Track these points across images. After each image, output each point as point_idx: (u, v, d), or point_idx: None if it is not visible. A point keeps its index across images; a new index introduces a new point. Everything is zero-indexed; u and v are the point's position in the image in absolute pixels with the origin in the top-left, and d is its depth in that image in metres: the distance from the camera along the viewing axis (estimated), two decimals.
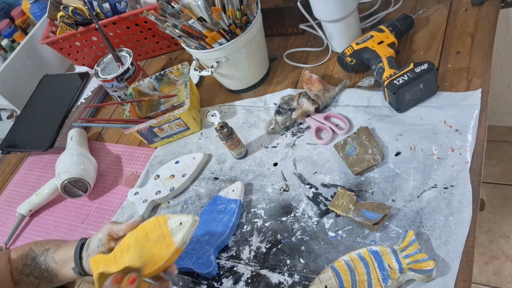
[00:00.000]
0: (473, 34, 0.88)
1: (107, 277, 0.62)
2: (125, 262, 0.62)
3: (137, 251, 0.62)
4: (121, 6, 1.16)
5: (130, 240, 0.64)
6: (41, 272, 0.73)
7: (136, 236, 0.64)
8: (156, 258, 0.61)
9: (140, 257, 0.61)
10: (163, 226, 0.62)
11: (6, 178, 1.19)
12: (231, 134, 0.85)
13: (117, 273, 0.61)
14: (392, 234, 0.69)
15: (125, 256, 0.63)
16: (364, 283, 0.63)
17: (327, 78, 0.96)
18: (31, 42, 1.34)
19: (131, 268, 0.61)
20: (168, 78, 1.07)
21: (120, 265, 0.62)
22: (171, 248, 0.60)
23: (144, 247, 0.62)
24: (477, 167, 0.70)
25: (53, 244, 0.75)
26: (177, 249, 0.60)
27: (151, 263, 0.61)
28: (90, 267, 0.66)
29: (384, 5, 1.03)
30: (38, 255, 0.74)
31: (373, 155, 0.77)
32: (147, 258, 0.61)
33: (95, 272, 0.64)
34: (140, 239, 0.63)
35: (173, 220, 0.62)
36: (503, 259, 1.40)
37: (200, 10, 0.88)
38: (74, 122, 1.14)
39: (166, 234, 0.61)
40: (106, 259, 0.64)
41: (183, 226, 0.61)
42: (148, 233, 0.63)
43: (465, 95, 0.79)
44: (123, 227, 0.67)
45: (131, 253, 0.62)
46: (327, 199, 0.77)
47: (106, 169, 1.06)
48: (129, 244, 0.63)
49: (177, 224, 0.61)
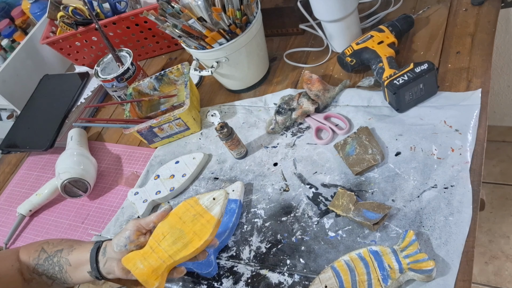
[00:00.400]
0: (473, 34, 0.88)
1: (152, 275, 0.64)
2: (164, 249, 0.65)
3: (174, 236, 0.65)
4: (121, 6, 1.16)
5: (163, 228, 0.66)
6: (55, 273, 0.73)
7: (169, 223, 0.66)
8: (200, 234, 0.64)
9: (179, 240, 0.65)
10: (196, 206, 0.66)
11: (6, 178, 1.19)
12: (231, 134, 0.85)
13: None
14: (392, 234, 0.69)
15: (162, 244, 0.65)
16: (364, 283, 0.63)
17: (327, 78, 0.96)
18: (31, 42, 1.34)
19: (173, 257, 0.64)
20: (168, 78, 1.07)
21: (160, 254, 0.65)
22: (212, 221, 0.65)
23: (181, 230, 0.65)
24: (477, 167, 0.70)
25: (66, 245, 0.74)
26: (218, 220, 0.65)
27: (195, 240, 0.64)
28: (122, 268, 0.66)
29: (384, 5, 1.03)
30: (50, 256, 0.73)
31: (373, 155, 0.77)
32: (188, 238, 0.64)
33: (134, 269, 0.65)
34: (175, 224, 0.66)
35: (204, 198, 0.67)
36: (503, 259, 1.40)
37: (200, 10, 0.88)
38: (74, 122, 1.14)
39: (202, 212, 0.66)
40: (142, 254, 0.66)
41: (218, 200, 0.66)
42: (182, 217, 0.66)
43: (465, 95, 0.79)
44: (152, 218, 0.67)
45: (168, 239, 0.65)
46: (327, 199, 0.77)
47: (106, 169, 1.06)
48: (163, 232, 0.66)
49: (211, 200, 0.66)
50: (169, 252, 0.65)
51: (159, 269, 0.65)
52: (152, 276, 0.64)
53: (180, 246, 0.65)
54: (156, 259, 0.65)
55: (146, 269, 0.65)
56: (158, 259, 0.65)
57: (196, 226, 0.65)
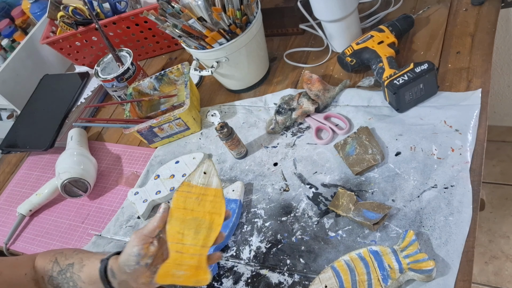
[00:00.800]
0: (473, 34, 0.88)
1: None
2: (192, 244, 0.60)
3: (192, 227, 0.61)
4: (121, 6, 1.16)
5: (176, 227, 0.61)
6: (69, 287, 0.69)
7: (177, 220, 0.61)
8: (216, 210, 0.62)
9: (200, 228, 0.61)
10: (193, 187, 0.62)
11: (6, 178, 1.19)
12: (231, 134, 0.85)
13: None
14: (392, 234, 0.69)
15: (186, 241, 0.60)
16: (364, 283, 0.63)
17: (327, 78, 0.96)
18: (31, 42, 1.34)
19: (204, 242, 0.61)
20: (168, 78, 1.07)
21: (192, 251, 0.60)
22: (219, 193, 0.62)
23: (195, 218, 0.61)
24: (477, 167, 0.70)
25: (76, 259, 0.69)
26: (222, 189, 0.63)
27: (215, 218, 0.62)
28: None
29: (384, 5, 1.03)
30: (63, 270, 0.69)
31: (373, 155, 0.77)
32: (208, 221, 0.61)
33: (176, 280, 0.60)
34: (184, 217, 0.61)
35: (195, 177, 0.63)
36: (503, 259, 1.40)
37: (200, 10, 0.88)
38: (74, 122, 1.14)
39: (202, 191, 0.62)
40: (173, 262, 0.60)
41: (209, 172, 0.63)
42: (186, 207, 0.62)
43: (465, 95, 0.79)
44: (155, 224, 0.61)
45: (189, 234, 0.61)
46: (327, 199, 0.77)
47: (106, 169, 1.06)
48: (179, 231, 0.61)
49: (203, 176, 0.63)
50: (199, 243, 0.61)
51: (201, 263, 0.60)
52: (200, 273, 0.60)
53: (205, 232, 0.61)
54: (191, 257, 0.60)
55: (189, 272, 0.60)
56: (193, 256, 0.60)
57: (207, 206, 0.62)
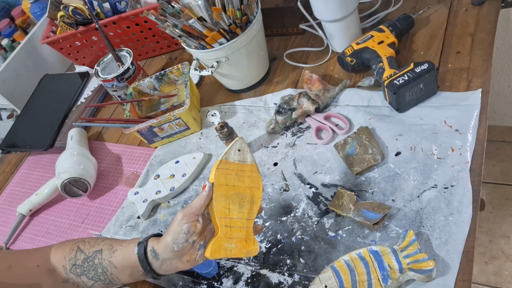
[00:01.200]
0: (473, 34, 0.88)
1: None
2: (238, 217, 0.63)
3: (236, 202, 0.64)
4: (121, 6, 1.16)
5: (221, 203, 0.63)
6: (97, 274, 0.68)
7: (221, 196, 0.64)
8: (255, 184, 0.65)
9: (243, 202, 0.64)
10: (231, 164, 0.65)
11: (6, 178, 1.19)
12: (231, 134, 0.85)
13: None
14: (392, 234, 0.69)
15: (232, 215, 0.63)
16: (364, 283, 0.63)
17: (327, 78, 0.96)
18: (31, 41, 1.34)
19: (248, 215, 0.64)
20: (168, 78, 1.07)
21: (239, 223, 0.63)
22: (255, 168, 0.66)
23: (238, 193, 0.64)
24: (477, 167, 0.70)
25: (104, 245, 0.69)
26: (256, 164, 0.66)
27: (255, 192, 0.65)
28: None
29: (384, 5, 1.03)
30: (90, 257, 0.68)
31: (373, 155, 0.77)
32: (249, 195, 0.65)
33: (229, 253, 0.62)
34: (227, 193, 0.64)
35: (231, 154, 0.65)
36: (503, 259, 1.40)
37: (200, 9, 0.88)
38: (74, 122, 1.14)
39: (239, 167, 0.65)
40: (224, 236, 0.62)
41: (243, 149, 0.66)
42: (228, 183, 0.64)
43: (465, 95, 0.79)
44: (202, 202, 0.63)
45: (234, 208, 0.64)
46: (327, 199, 0.77)
47: (106, 168, 1.06)
48: (224, 206, 0.63)
49: (238, 153, 0.66)
50: (244, 216, 0.64)
51: (250, 235, 0.64)
52: (249, 244, 0.63)
53: (248, 205, 0.64)
54: (239, 230, 0.63)
55: (239, 244, 0.63)
56: (241, 228, 0.63)
57: (246, 182, 0.65)
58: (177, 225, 0.62)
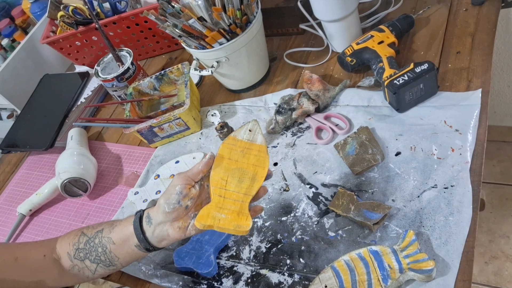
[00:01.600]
0: (473, 34, 0.88)
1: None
2: (235, 190, 0.62)
3: (236, 176, 0.63)
4: (121, 6, 1.16)
5: (220, 174, 0.63)
6: (98, 255, 0.67)
7: (221, 167, 0.63)
8: (260, 163, 0.64)
9: (244, 177, 0.63)
10: (238, 142, 0.65)
11: (6, 178, 1.19)
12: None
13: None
14: (392, 234, 0.69)
15: (229, 187, 0.62)
16: (364, 283, 0.63)
17: (327, 78, 0.96)
18: (31, 41, 1.34)
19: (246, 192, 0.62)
20: (168, 78, 1.07)
21: (234, 196, 0.61)
22: (263, 149, 0.64)
23: (239, 168, 0.63)
24: (477, 167, 0.70)
25: (106, 225, 0.69)
26: (266, 146, 0.65)
27: (259, 171, 0.63)
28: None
29: (384, 5, 1.03)
30: (91, 238, 0.68)
31: (373, 155, 0.77)
32: (252, 172, 0.63)
33: (217, 222, 0.60)
34: (228, 166, 0.63)
35: (241, 133, 0.65)
36: (503, 259, 1.40)
37: (200, 9, 0.88)
38: (74, 122, 1.14)
39: (247, 145, 0.64)
40: (215, 205, 0.61)
41: (255, 130, 0.65)
42: (231, 157, 0.64)
43: (465, 95, 0.79)
44: (200, 168, 0.63)
45: (232, 181, 0.62)
46: (327, 199, 0.77)
47: (106, 168, 1.06)
48: (223, 177, 0.62)
49: (248, 132, 0.66)
50: (241, 191, 0.62)
51: (244, 209, 0.61)
52: (242, 218, 0.60)
53: (249, 182, 0.62)
54: (233, 202, 0.61)
55: (230, 216, 0.60)
56: (236, 201, 0.61)
57: (251, 159, 0.64)
58: (171, 186, 0.62)
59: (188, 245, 0.79)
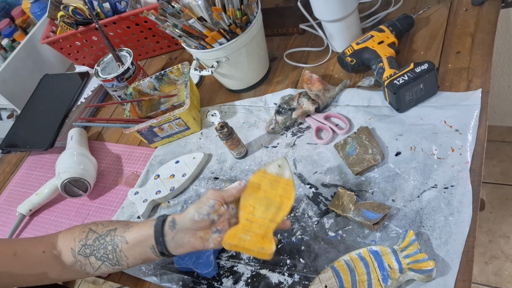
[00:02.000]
0: (473, 34, 0.88)
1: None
2: (261, 217, 0.67)
3: (263, 204, 0.67)
4: (121, 6, 1.16)
5: (249, 201, 0.68)
6: (106, 252, 0.68)
7: (251, 195, 0.69)
8: (286, 195, 0.68)
9: (270, 205, 0.67)
10: (267, 175, 0.70)
11: (6, 178, 1.19)
12: (231, 134, 0.85)
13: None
14: (392, 234, 0.69)
15: (256, 213, 0.67)
16: (364, 283, 0.63)
17: (327, 78, 0.96)
18: (31, 41, 1.34)
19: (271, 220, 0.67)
20: (168, 78, 1.07)
21: (260, 222, 0.66)
22: (290, 183, 0.69)
23: (267, 197, 0.68)
24: (477, 167, 0.70)
25: (119, 224, 0.70)
26: (293, 180, 0.70)
27: (285, 201, 0.68)
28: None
29: (384, 5, 1.03)
30: (102, 235, 0.69)
31: (373, 155, 0.77)
32: (278, 201, 0.68)
33: (242, 242, 0.65)
34: (258, 194, 0.68)
35: (270, 168, 0.71)
36: (503, 259, 1.40)
37: (200, 9, 0.88)
38: (74, 122, 1.14)
39: (276, 178, 0.70)
40: (242, 227, 0.66)
41: (283, 166, 0.71)
42: (260, 187, 0.69)
43: (465, 95, 0.79)
44: (234, 192, 0.67)
45: (260, 208, 0.67)
46: (327, 199, 0.77)
47: (106, 168, 1.06)
48: (251, 204, 0.68)
49: (277, 168, 0.71)
50: (267, 217, 0.66)
51: (268, 234, 0.65)
52: (266, 242, 0.65)
53: (275, 210, 0.67)
54: (259, 227, 0.66)
55: (255, 239, 0.65)
56: (261, 226, 0.66)
57: (278, 190, 0.68)
58: (204, 199, 0.66)
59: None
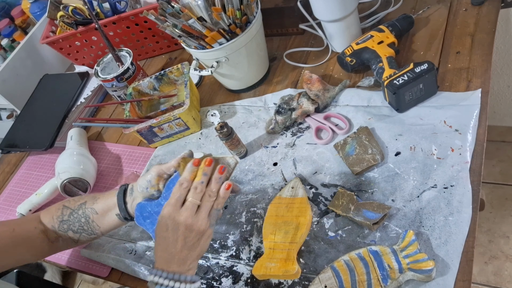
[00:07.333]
0: (473, 34, 0.88)
1: None
2: (282, 241, 0.71)
3: (282, 229, 0.73)
4: (121, 6, 1.16)
5: (268, 230, 0.74)
6: (81, 225, 0.74)
7: (269, 224, 0.75)
8: (302, 213, 0.73)
9: (289, 228, 0.72)
10: (283, 199, 0.76)
11: (6, 178, 1.19)
12: (231, 134, 0.85)
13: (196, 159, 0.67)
14: (392, 234, 0.69)
15: (277, 240, 0.72)
16: (364, 283, 0.63)
17: (327, 78, 0.96)
18: (31, 41, 1.34)
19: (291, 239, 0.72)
20: (168, 78, 1.07)
21: (281, 246, 0.71)
22: (304, 200, 0.75)
23: (284, 221, 0.74)
24: (477, 167, 0.70)
25: (88, 197, 0.76)
26: (307, 197, 0.76)
27: (301, 219, 0.73)
28: (256, 275, 0.71)
29: (384, 5, 1.03)
30: (75, 210, 0.75)
31: (373, 155, 0.77)
32: (295, 222, 0.73)
33: (268, 271, 0.69)
34: (275, 222, 0.74)
35: (284, 191, 0.77)
36: (503, 259, 1.40)
37: (200, 10, 0.88)
38: (74, 122, 1.14)
39: (290, 201, 0.75)
40: (266, 257, 0.71)
41: (296, 186, 0.77)
42: (277, 214, 0.75)
43: (465, 95, 0.79)
44: (173, 163, 0.69)
45: (279, 234, 0.72)
46: (327, 199, 0.77)
47: (106, 168, 1.06)
48: (271, 232, 0.73)
49: (291, 190, 0.77)
50: (287, 240, 0.71)
51: (290, 256, 0.69)
52: (288, 264, 0.69)
53: (293, 231, 0.72)
54: (281, 251, 0.70)
55: (279, 264, 0.69)
56: (282, 251, 0.70)
57: (294, 211, 0.74)
58: (148, 173, 0.71)
59: (154, 206, 0.71)
